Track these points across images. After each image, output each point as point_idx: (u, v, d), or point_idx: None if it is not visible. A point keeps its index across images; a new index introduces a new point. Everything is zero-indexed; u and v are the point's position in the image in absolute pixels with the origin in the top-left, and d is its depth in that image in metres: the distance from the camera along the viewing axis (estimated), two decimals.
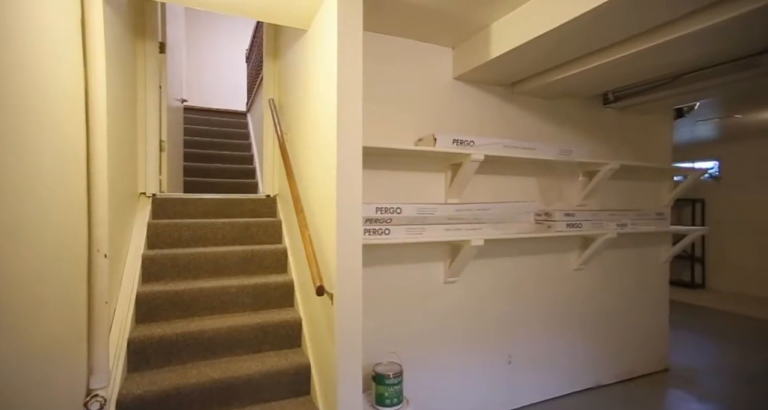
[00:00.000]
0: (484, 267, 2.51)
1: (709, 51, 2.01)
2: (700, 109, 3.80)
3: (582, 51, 2.05)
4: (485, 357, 2.52)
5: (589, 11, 1.59)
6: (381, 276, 2.22)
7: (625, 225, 2.82)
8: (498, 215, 2.35)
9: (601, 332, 2.97)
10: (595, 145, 2.96)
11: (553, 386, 2.78)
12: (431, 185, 2.35)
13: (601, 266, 2.95)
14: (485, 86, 2.55)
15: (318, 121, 1.90)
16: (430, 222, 2.14)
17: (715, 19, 1.60)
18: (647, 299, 3.22)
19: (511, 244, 2.59)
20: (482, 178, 2.50)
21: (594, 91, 2.79)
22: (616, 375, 3.03)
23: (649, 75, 2.47)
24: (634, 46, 1.91)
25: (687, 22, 1.70)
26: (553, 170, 2.73)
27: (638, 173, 3.08)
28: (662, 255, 3.29)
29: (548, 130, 2.78)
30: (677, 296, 5.63)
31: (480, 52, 2.20)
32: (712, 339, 4.07)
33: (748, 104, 3.86)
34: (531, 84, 2.48)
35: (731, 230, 5.98)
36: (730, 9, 1.56)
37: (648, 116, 3.24)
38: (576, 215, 2.61)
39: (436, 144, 2.12)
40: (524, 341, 2.66)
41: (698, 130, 5.14)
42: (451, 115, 2.44)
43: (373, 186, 2.20)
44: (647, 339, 3.21)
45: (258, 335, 2.08)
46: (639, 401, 2.77)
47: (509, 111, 2.64)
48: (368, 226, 1.97)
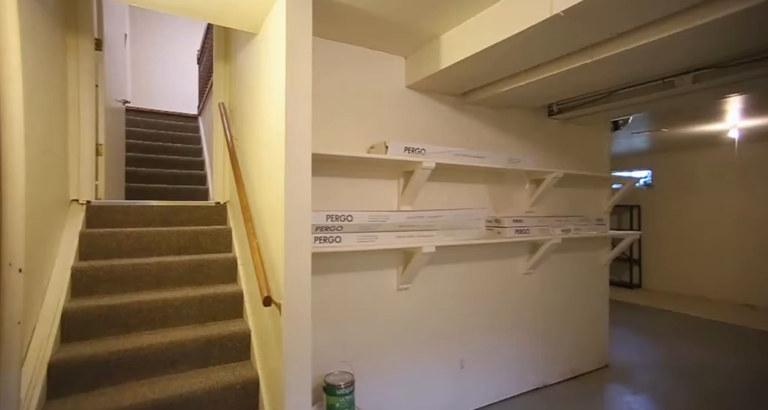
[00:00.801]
0: (436, 273, 2.55)
1: (637, 70, 2.17)
2: (633, 122, 4.09)
3: (527, 64, 2.15)
4: (438, 362, 2.55)
5: (530, 28, 1.67)
6: (333, 285, 2.19)
7: (569, 231, 2.97)
8: (450, 222, 2.39)
9: (548, 333, 3.10)
10: (541, 154, 3.11)
11: (504, 388, 2.86)
12: (384, 192, 2.35)
13: (547, 270, 3.09)
14: (437, 96, 2.61)
15: (267, 126, 1.85)
16: (382, 230, 2.14)
17: (640, 41, 1.73)
18: (589, 300, 3.40)
19: (462, 250, 2.65)
20: (435, 185, 2.54)
21: (539, 102, 2.94)
22: (562, 374, 3.17)
23: (588, 89, 2.64)
24: (573, 62, 2.02)
25: (618, 43, 1.83)
26: (503, 178, 2.83)
27: (580, 181, 3.26)
28: (602, 258, 3.49)
29: (498, 139, 2.89)
30: (617, 296, 6.00)
31: (431, 62, 2.24)
32: (647, 336, 4.37)
33: (671, 119, 4.22)
34: (481, 94, 2.57)
35: (663, 233, 6.48)
36: (650, 34, 1.69)
37: (588, 128, 3.45)
38: (524, 222, 2.71)
39: (388, 152, 2.13)
40: (476, 345, 2.71)
41: (633, 141, 5.54)
42: (403, 123, 2.47)
43: (324, 194, 2.17)
44: (590, 338, 3.38)
45: (204, 349, 1.98)
46: (582, 398, 2.91)
47: (460, 120, 2.71)
48: (319, 234, 1.94)
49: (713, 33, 1.65)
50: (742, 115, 4.00)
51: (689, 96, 2.50)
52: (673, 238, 6.37)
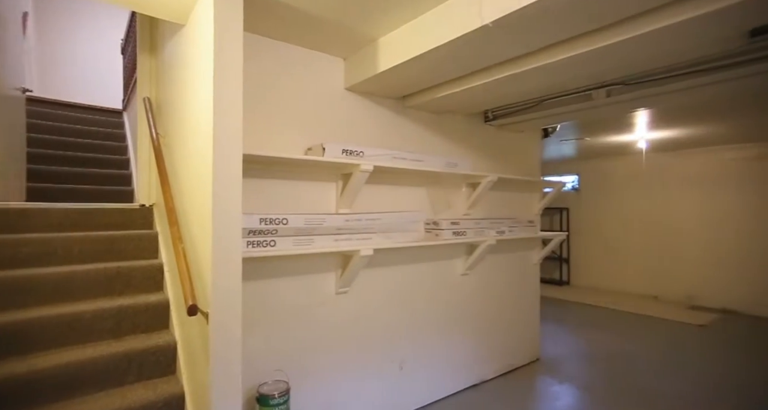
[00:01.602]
0: (375, 276, 2.55)
1: (560, 82, 2.33)
2: (561, 130, 4.40)
3: (461, 72, 2.22)
4: (377, 364, 2.55)
5: (462, 36, 1.72)
6: (268, 290, 2.11)
7: (504, 232, 3.12)
8: (388, 225, 2.40)
9: (484, 331, 3.22)
10: (478, 158, 3.24)
11: (442, 386, 2.92)
12: (321, 194, 2.31)
13: (483, 270, 3.21)
14: (377, 98, 2.62)
15: (195, 124, 1.74)
16: (319, 233, 2.10)
17: (562, 55, 1.86)
18: (522, 297, 3.59)
19: (401, 252, 2.68)
20: (374, 188, 2.54)
21: (476, 109, 3.06)
22: (497, 370, 3.31)
23: (519, 98, 2.79)
24: (504, 71, 2.12)
25: (543, 55, 1.94)
26: (441, 181, 2.91)
27: (514, 184, 3.44)
28: (534, 258, 3.71)
29: (436, 143, 2.96)
30: (547, 293, 6.41)
31: (369, 65, 2.25)
32: (573, 329, 4.71)
33: (593, 129, 4.60)
34: (419, 99, 2.62)
35: (588, 233, 7.04)
36: (569, 49, 1.82)
37: (521, 134, 3.65)
38: (461, 224, 2.80)
39: (325, 154, 2.10)
40: (415, 346, 2.75)
41: (562, 148, 5.97)
42: (342, 125, 2.45)
43: (259, 196, 2.08)
44: (523, 334, 3.57)
45: (120, 366, 1.81)
46: (515, 391, 3.06)
47: (399, 123, 2.74)
48: (251, 238, 1.86)
49: (622, 53, 1.81)
50: (648, 128, 4.45)
51: (604, 108, 2.73)
52: (596, 238, 6.93)
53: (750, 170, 5.38)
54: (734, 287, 5.46)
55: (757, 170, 5.34)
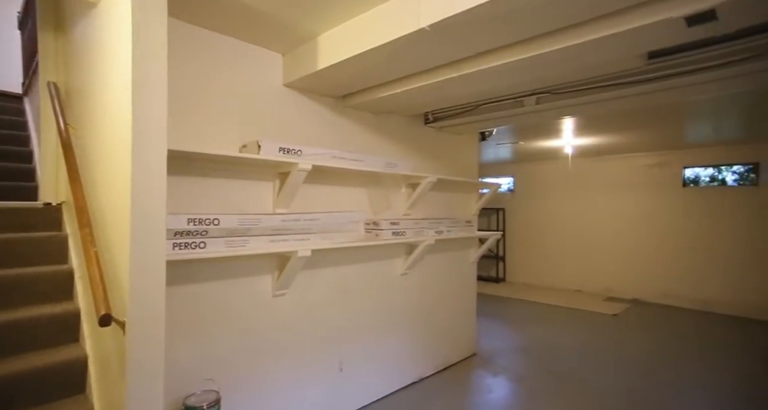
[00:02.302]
0: (314, 278, 2.49)
1: (495, 87, 2.44)
2: (498, 134, 4.63)
3: (400, 73, 2.24)
4: (317, 367, 2.50)
5: (400, 38, 1.73)
6: (199, 295, 1.97)
7: (442, 232, 3.20)
8: (327, 225, 2.36)
9: (424, 329, 3.28)
10: (418, 159, 3.29)
11: (383, 385, 2.93)
12: (257, 194, 2.21)
13: (423, 269, 3.27)
14: (316, 96, 2.56)
15: (110, 115, 1.58)
16: (254, 233, 2.00)
17: (496, 62, 1.93)
18: (460, 295, 3.72)
19: (341, 253, 2.64)
20: (312, 187, 2.48)
21: (416, 110, 3.11)
22: (436, 366, 3.39)
23: (457, 101, 2.88)
24: (442, 75, 2.17)
25: (479, 61, 2.01)
26: (381, 182, 2.91)
27: (453, 185, 3.54)
28: (471, 256, 3.85)
29: (377, 143, 2.96)
30: (484, 290, 6.71)
31: (308, 62, 2.19)
32: (508, 323, 4.97)
33: (526, 134, 4.89)
34: (360, 98, 2.60)
35: (522, 233, 7.47)
36: (503, 57, 1.90)
37: (460, 137, 3.77)
38: (401, 224, 2.83)
39: (261, 151, 2.01)
40: (355, 346, 2.73)
41: (499, 151, 6.28)
42: (279, 122, 2.36)
43: (188, 195, 1.94)
44: (460, 330, 3.69)
45: (10, 390, 1.58)
46: (452, 386, 3.15)
47: (339, 123, 2.71)
48: (178, 239, 1.72)
49: (546, 64, 1.93)
50: (574, 134, 4.82)
51: (535, 115, 2.91)
52: (529, 237, 7.38)
53: (654, 175, 6.03)
54: (643, 279, 6.09)
55: (660, 175, 6.00)
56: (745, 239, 5.27)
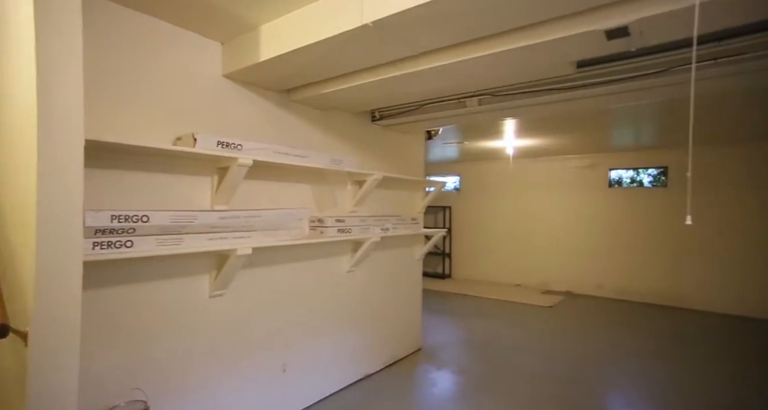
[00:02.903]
0: (256, 276, 2.41)
1: (438, 87, 2.49)
2: (444, 134, 4.75)
3: (344, 69, 2.22)
4: (258, 369, 2.42)
5: (343, 33, 1.71)
6: (126, 297, 1.83)
7: (388, 229, 3.22)
8: (270, 222, 2.29)
9: (369, 326, 3.30)
10: (364, 157, 3.30)
11: (328, 384, 2.91)
12: (194, 190, 2.10)
13: (369, 266, 3.28)
14: (259, 90, 2.48)
15: (11, 97, 1.41)
16: (189, 231, 1.90)
17: (438, 62, 1.98)
18: (406, 291, 3.78)
19: (284, 251, 2.58)
20: (254, 184, 2.40)
21: (362, 108, 3.11)
22: (382, 363, 3.42)
23: (403, 100, 2.91)
24: (386, 73, 2.18)
25: (422, 61, 2.05)
26: (326, 179, 2.88)
27: (399, 183, 3.59)
28: (417, 253, 3.92)
29: (322, 140, 2.92)
30: (431, 286, 6.88)
31: (250, 52, 2.11)
32: (453, 318, 5.13)
33: (470, 134, 5.07)
34: (304, 93, 2.55)
35: (467, 230, 7.75)
36: (445, 57, 1.95)
37: (407, 135, 3.83)
38: (346, 221, 2.81)
39: (197, 145, 1.90)
40: (299, 346, 2.68)
41: (446, 151, 6.46)
42: (219, 115, 2.26)
43: (114, 190, 1.79)
44: (406, 326, 3.76)
45: None
46: (397, 381, 3.20)
47: (283, 118, 2.64)
48: (100, 238, 1.59)
49: (487, 66, 2.01)
50: (515, 136, 5.08)
51: (478, 116, 3.02)
52: (474, 234, 7.67)
53: (585, 176, 6.52)
54: (575, 273, 6.56)
55: (589, 176, 6.49)
56: (657, 234, 5.85)
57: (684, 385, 3.19)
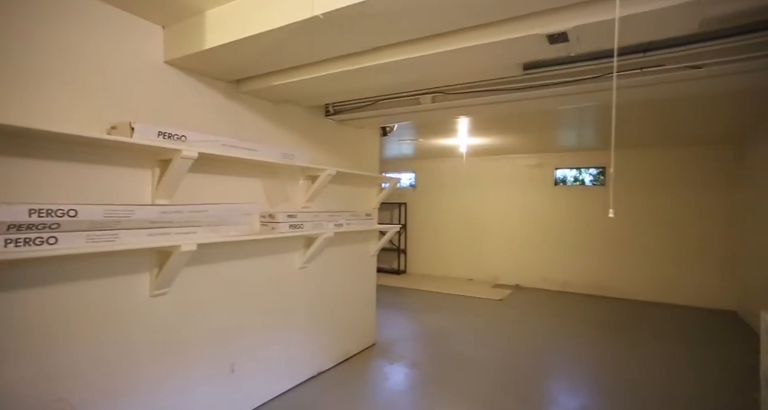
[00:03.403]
0: (203, 274, 2.31)
1: (392, 84, 2.50)
2: (399, 130, 4.79)
3: (295, 61, 2.17)
4: (205, 370, 2.32)
5: (293, 24, 1.67)
6: (52, 299, 1.68)
7: (342, 225, 3.20)
8: (217, 218, 2.20)
9: (323, 321, 3.27)
10: (317, 151, 3.25)
11: (281, 382, 2.85)
12: (132, 183, 1.96)
13: (322, 262, 3.25)
14: (206, 79, 2.36)
15: None
16: (126, 227, 1.78)
17: (390, 58, 1.99)
18: (360, 287, 3.78)
19: (234, 247, 2.49)
20: (202, 177, 2.29)
21: (316, 101, 3.06)
22: (335, 359, 3.40)
23: (357, 95, 2.90)
24: (339, 67, 2.16)
25: (376, 56, 2.04)
26: (278, 173, 2.81)
27: (353, 179, 3.57)
28: (371, 249, 3.94)
29: (274, 133, 2.85)
30: (386, 282, 6.95)
31: (194, 38, 2.00)
32: (407, 312, 5.21)
33: (425, 131, 5.15)
34: (255, 84, 2.47)
35: (422, 226, 7.89)
36: (396, 54, 1.96)
37: (362, 131, 3.82)
38: (299, 217, 2.76)
39: (135, 135, 1.78)
40: (249, 344, 2.60)
41: (402, 148, 6.52)
42: (161, 104, 2.13)
43: (34, 182, 1.63)
44: (360, 321, 3.76)
45: None
46: (351, 377, 3.20)
47: (232, 109, 2.54)
48: (14, 234, 1.44)
49: (438, 64, 2.05)
50: (468, 134, 5.23)
51: (431, 113, 3.07)
52: (429, 230, 7.82)
53: (533, 174, 6.85)
54: (523, 267, 6.89)
55: (537, 175, 6.82)
56: (596, 230, 6.27)
57: (616, 366, 3.45)
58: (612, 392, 3.00)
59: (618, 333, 4.41)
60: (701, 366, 3.50)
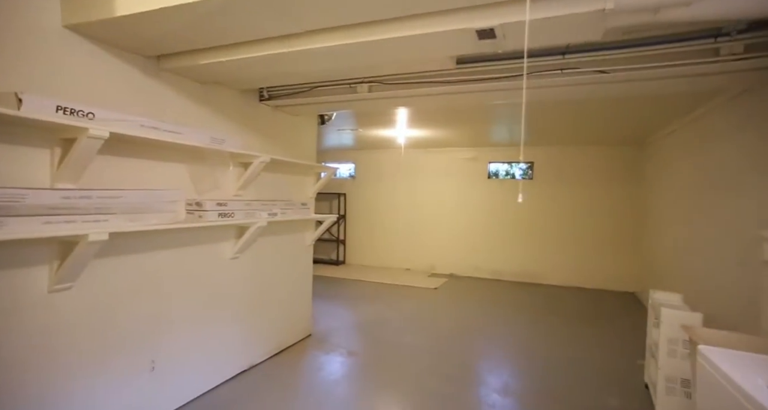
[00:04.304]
0: (120, 266, 2.11)
1: (329, 70, 2.45)
2: (338, 120, 4.73)
3: (224, 39, 2.04)
4: (121, 370, 2.14)
5: None
6: None
7: (276, 214, 3.10)
8: (134, 204, 2.02)
9: (256, 314, 3.16)
10: (250, 137, 3.10)
11: (208, 378, 2.72)
12: (24, 164, 1.72)
13: (256, 252, 3.13)
14: (119, 51, 2.13)
15: None
16: (16, 213, 1.56)
17: (325, 43, 1.93)
18: (296, 277, 3.71)
19: (157, 237, 2.31)
20: (117, 160, 2.08)
21: (249, 85, 2.91)
22: (269, 352, 3.32)
23: (292, 80, 2.80)
24: (272, 48, 2.05)
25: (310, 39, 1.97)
26: (206, 159, 2.64)
27: (289, 167, 3.47)
28: (308, 239, 3.87)
29: (200, 116, 2.67)
30: (325, 273, 6.90)
31: (102, 3, 1.79)
32: (345, 303, 5.21)
33: (364, 121, 5.14)
34: (179, 62, 2.28)
35: (362, 217, 7.91)
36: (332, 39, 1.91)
37: (298, 118, 3.71)
38: (229, 205, 2.63)
39: (25, 108, 1.56)
40: (173, 340, 2.44)
41: (342, 137, 6.46)
42: (62, 76, 1.88)
43: None
44: (295, 313, 3.70)
45: None
46: (285, 369, 3.14)
47: (153, 88, 2.33)
48: None
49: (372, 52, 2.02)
50: (406, 126, 5.30)
51: (368, 102, 3.06)
52: (368, 221, 7.86)
53: (468, 167, 7.15)
54: (458, 257, 7.19)
55: (472, 168, 7.13)
56: (525, 221, 6.72)
57: (535, 346, 3.74)
58: (529, 369, 3.26)
59: (539, 316, 4.78)
60: (602, 341, 3.92)
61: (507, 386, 2.96)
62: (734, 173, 2.96)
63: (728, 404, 1.26)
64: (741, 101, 2.87)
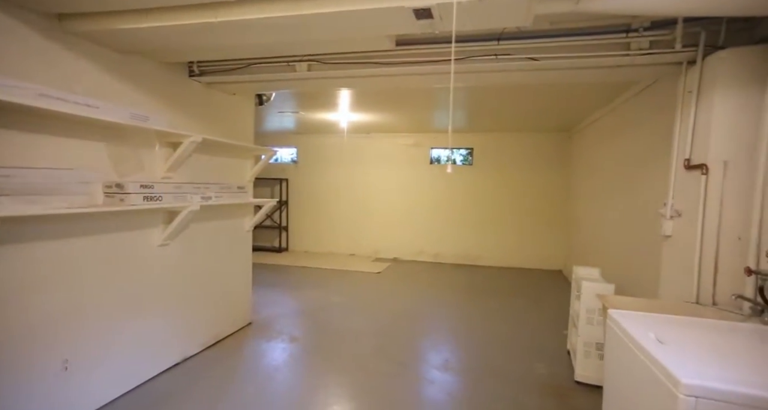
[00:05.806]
0: (18, 255, 1.87)
1: (263, 43, 2.30)
2: (277, 101, 4.54)
3: (140, 3, 1.85)
4: (27, 371, 1.92)
5: None
6: None
7: (210, 198, 2.93)
8: (35, 185, 1.79)
9: (189, 304, 2.99)
10: (180, 116, 2.88)
11: (134, 374, 2.54)
12: None
13: (188, 239, 2.94)
14: (6, 5, 1.84)
15: None
16: None
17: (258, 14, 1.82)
18: (234, 265, 3.55)
19: (68, 222, 2.08)
20: (9, 134, 1.82)
21: (175, 57, 2.69)
22: (204, 342, 3.17)
23: (225, 54, 2.63)
24: (199, 17, 1.90)
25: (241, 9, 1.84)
26: (127, 137, 2.41)
27: (224, 149, 3.28)
28: (246, 225, 3.71)
29: (120, 90, 2.42)
30: (266, 260, 6.71)
31: None
32: (287, 290, 5.11)
33: (306, 104, 4.99)
34: (88, 25, 2.03)
35: (305, 203, 7.75)
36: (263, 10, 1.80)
37: (234, 98, 3.50)
38: (156, 188, 2.43)
39: None
40: (91, 335, 2.24)
41: (283, 121, 6.23)
42: None
43: None
44: (234, 301, 3.55)
45: None
46: (223, 359, 3.03)
47: (57, 53, 2.06)
48: None
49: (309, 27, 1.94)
50: (348, 109, 5.23)
51: (307, 82, 2.95)
52: (311, 206, 7.72)
53: (411, 153, 7.24)
54: (401, 241, 7.32)
55: (415, 154, 7.24)
56: (464, 206, 6.98)
57: (472, 323, 3.94)
58: (467, 346, 3.43)
59: (477, 296, 5.03)
60: (532, 316, 4.23)
61: (447, 362, 3.09)
62: (642, 158, 3.28)
63: (626, 355, 1.46)
64: (650, 92, 3.17)
